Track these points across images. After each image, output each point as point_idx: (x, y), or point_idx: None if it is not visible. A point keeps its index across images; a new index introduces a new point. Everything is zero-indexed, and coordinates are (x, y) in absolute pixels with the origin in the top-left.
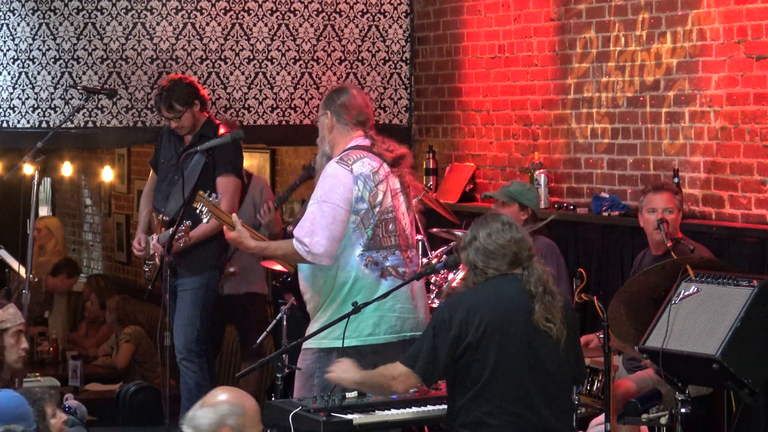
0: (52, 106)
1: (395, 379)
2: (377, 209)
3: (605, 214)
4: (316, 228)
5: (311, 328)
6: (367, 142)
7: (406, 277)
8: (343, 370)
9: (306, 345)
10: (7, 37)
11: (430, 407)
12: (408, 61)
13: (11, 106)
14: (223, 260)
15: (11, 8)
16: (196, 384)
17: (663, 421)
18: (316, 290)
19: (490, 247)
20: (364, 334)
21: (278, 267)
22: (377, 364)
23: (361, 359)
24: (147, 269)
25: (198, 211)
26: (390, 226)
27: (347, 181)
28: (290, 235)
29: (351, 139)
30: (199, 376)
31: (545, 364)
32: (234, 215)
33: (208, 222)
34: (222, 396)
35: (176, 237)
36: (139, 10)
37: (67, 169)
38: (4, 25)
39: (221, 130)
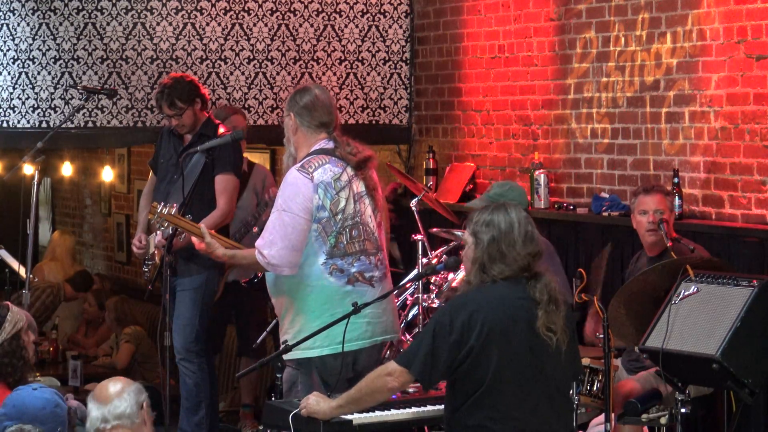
0: (52, 106)
1: (390, 374)
2: (339, 216)
3: (605, 214)
4: (275, 238)
5: (288, 335)
6: (330, 145)
7: (374, 282)
8: (315, 403)
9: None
10: (7, 37)
11: (430, 407)
12: (408, 61)
13: (11, 106)
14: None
15: (11, 8)
16: (195, 384)
17: (663, 421)
18: (280, 297)
19: (505, 250)
20: (336, 342)
21: None
22: (353, 367)
23: (336, 364)
24: (146, 269)
25: (152, 222)
26: (354, 232)
27: (307, 190)
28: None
29: (315, 141)
30: (198, 376)
31: (546, 368)
32: (202, 225)
33: (166, 230)
34: (118, 384)
35: (176, 233)
36: (139, 10)
37: (67, 169)
38: (4, 25)
39: (221, 130)
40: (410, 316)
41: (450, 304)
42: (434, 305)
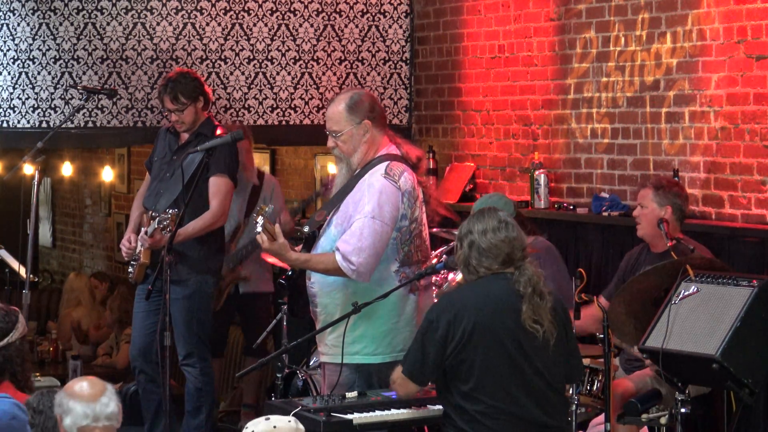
0: (52, 106)
1: (394, 382)
2: (414, 225)
3: (605, 214)
4: (364, 245)
5: (347, 337)
6: (396, 151)
7: (426, 289)
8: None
9: (344, 360)
10: (7, 37)
11: (430, 407)
12: (408, 61)
13: (11, 106)
14: (216, 264)
15: (11, 8)
16: (196, 388)
17: (663, 421)
18: (341, 302)
19: (483, 244)
20: (398, 350)
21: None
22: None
23: (390, 372)
24: (131, 270)
25: (255, 222)
26: (418, 241)
27: (396, 200)
28: (306, 238)
29: (381, 146)
30: (200, 380)
31: (535, 363)
32: (277, 226)
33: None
34: (99, 382)
35: (162, 225)
36: (139, 10)
37: (67, 169)
38: (4, 25)
39: (218, 131)
40: None
41: (438, 303)
42: None
